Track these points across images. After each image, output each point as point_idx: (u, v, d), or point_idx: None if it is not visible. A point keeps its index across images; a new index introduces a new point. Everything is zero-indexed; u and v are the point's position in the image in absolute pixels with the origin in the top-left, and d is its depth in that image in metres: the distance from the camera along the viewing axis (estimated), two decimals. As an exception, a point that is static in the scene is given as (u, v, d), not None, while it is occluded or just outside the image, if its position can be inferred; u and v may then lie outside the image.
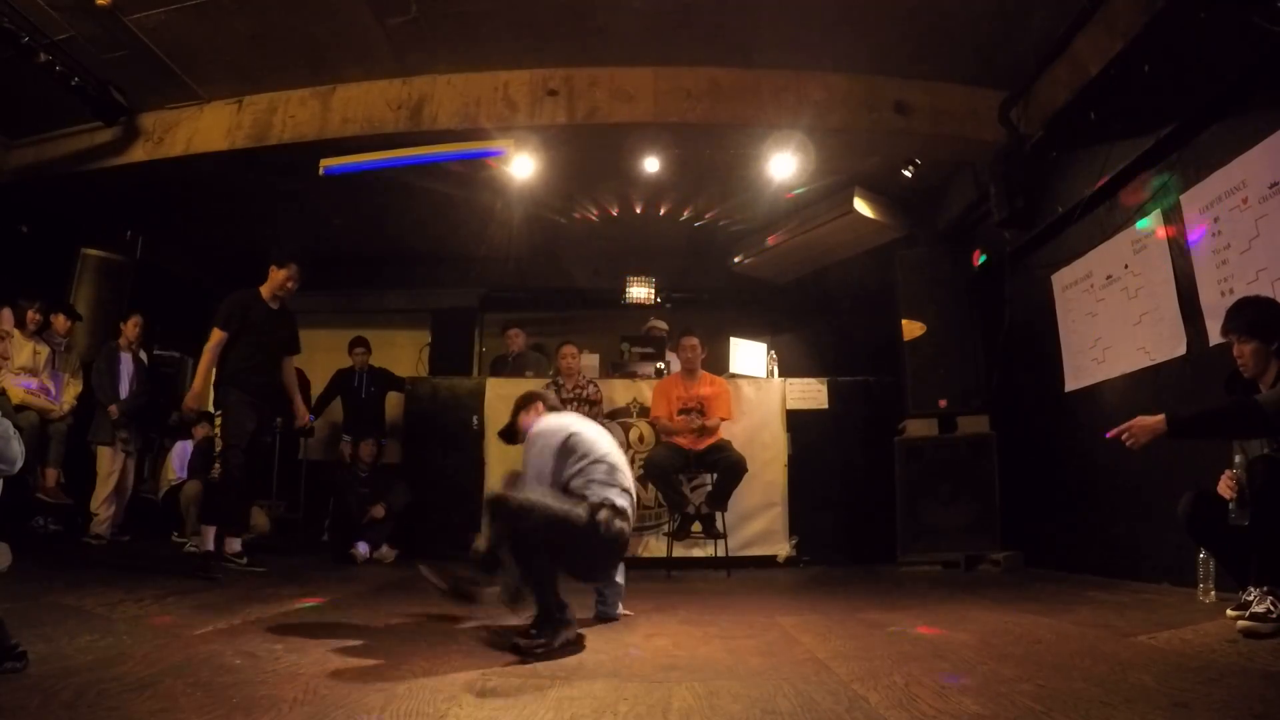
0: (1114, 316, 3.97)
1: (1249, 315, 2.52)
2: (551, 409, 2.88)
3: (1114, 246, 3.97)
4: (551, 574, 2.31)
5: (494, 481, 5.11)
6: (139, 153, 5.03)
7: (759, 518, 5.10)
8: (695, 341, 4.85)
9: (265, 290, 4.07)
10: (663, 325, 6.27)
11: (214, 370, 3.92)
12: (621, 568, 2.84)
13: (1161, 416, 2.35)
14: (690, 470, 4.71)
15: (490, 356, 6.83)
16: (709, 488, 4.67)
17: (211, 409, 4.18)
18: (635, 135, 4.91)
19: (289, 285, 4.08)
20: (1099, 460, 4.06)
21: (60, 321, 4.99)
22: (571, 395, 4.94)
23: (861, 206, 5.73)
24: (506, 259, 7.01)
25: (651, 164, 5.15)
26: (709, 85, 4.75)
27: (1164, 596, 3.12)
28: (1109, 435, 2.45)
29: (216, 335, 3.91)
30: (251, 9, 4.18)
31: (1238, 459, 2.46)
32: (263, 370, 3.99)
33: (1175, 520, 2.60)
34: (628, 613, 2.85)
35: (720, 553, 4.59)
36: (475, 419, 5.29)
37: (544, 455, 2.55)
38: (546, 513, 2.30)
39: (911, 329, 5.18)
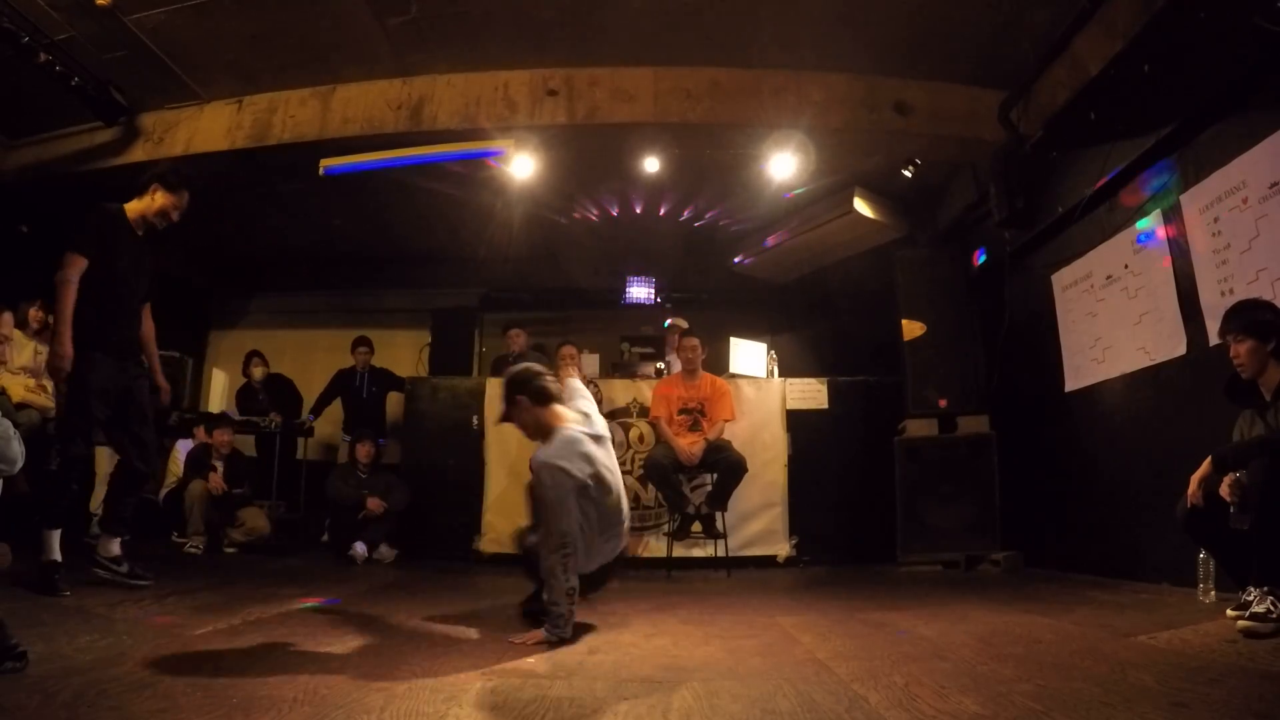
0: (1114, 316, 3.98)
1: (1245, 316, 2.56)
2: (557, 401, 2.65)
3: (1114, 246, 3.97)
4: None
5: (493, 482, 5.14)
6: (139, 153, 5.03)
7: (759, 518, 5.09)
8: (696, 342, 4.84)
9: (133, 210, 3.14)
10: (682, 323, 6.10)
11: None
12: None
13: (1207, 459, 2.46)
14: (690, 470, 4.71)
15: (490, 356, 6.83)
16: (709, 488, 4.66)
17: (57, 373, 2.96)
18: (635, 135, 4.91)
19: (173, 216, 3.21)
20: (1099, 460, 4.07)
21: (60, 322, 4.98)
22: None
23: (861, 206, 5.73)
24: (506, 259, 7.01)
25: (651, 164, 5.14)
26: (709, 85, 4.74)
27: (1164, 596, 3.12)
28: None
29: (77, 263, 2.94)
30: (251, 9, 4.18)
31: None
32: (123, 320, 3.13)
33: (1175, 521, 2.61)
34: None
35: (720, 553, 4.59)
36: (475, 419, 5.28)
37: (565, 499, 2.40)
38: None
39: (911, 329, 5.18)
